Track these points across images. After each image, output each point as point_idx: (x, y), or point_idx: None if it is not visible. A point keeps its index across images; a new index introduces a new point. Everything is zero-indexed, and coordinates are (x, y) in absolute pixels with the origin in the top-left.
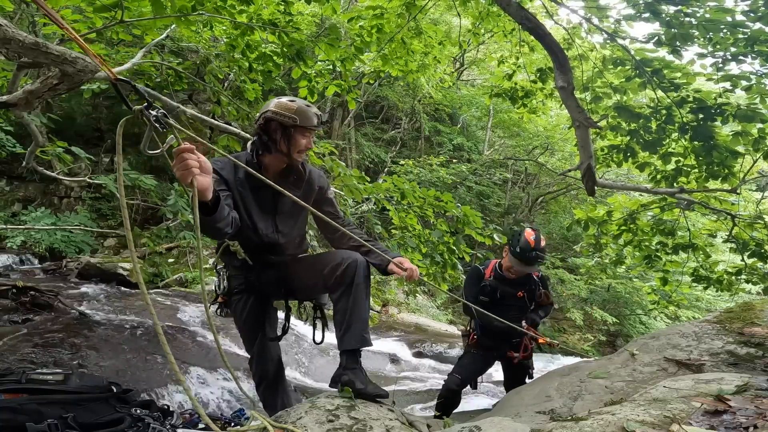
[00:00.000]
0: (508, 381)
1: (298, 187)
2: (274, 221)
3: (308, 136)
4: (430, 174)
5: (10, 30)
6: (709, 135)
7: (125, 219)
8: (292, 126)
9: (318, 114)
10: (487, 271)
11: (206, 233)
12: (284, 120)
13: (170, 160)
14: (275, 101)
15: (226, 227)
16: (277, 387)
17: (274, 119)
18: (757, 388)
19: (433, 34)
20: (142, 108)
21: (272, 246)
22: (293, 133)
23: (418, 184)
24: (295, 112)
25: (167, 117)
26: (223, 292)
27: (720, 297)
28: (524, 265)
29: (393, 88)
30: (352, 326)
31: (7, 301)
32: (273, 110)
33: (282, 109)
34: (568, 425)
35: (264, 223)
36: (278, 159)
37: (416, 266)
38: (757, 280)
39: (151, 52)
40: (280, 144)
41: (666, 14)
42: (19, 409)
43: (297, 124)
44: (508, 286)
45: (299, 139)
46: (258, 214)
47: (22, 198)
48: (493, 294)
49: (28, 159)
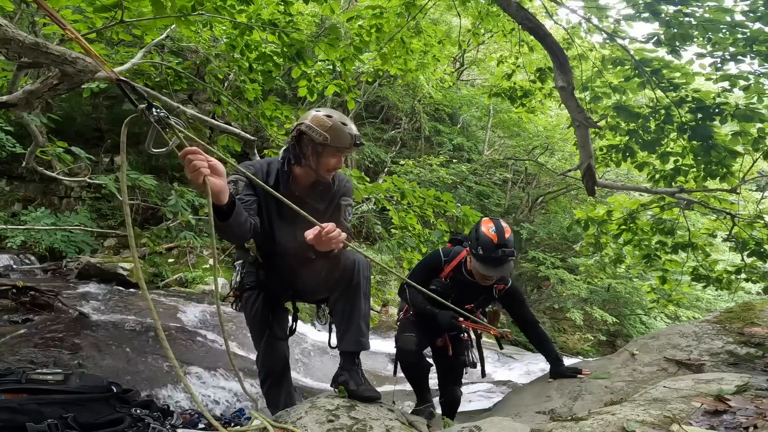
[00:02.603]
0: (440, 375)
1: (324, 199)
2: (294, 232)
3: (339, 156)
4: (430, 174)
5: (10, 30)
6: (707, 135)
7: (127, 218)
8: (322, 144)
9: (354, 134)
10: (447, 268)
11: (223, 237)
12: (316, 137)
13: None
14: (313, 114)
15: (245, 233)
16: (281, 386)
17: (307, 134)
18: (757, 388)
19: (433, 33)
20: (143, 108)
21: (285, 251)
22: (323, 152)
23: (418, 184)
24: (328, 130)
25: (168, 117)
26: (236, 288)
27: (720, 297)
28: (490, 267)
29: (393, 88)
30: (350, 329)
31: (7, 301)
32: (308, 124)
33: (316, 124)
34: (568, 425)
35: (283, 232)
36: (307, 172)
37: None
38: (757, 278)
39: (151, 52)
40: (310, 160)
41: (665, 14)
42: (19, 409)
43: (328, 143)
44: (466, 292)
45: (329, 158)
46: (278, 222)
47: (22, 198)
48: (444, 297)
49: (28, 159)
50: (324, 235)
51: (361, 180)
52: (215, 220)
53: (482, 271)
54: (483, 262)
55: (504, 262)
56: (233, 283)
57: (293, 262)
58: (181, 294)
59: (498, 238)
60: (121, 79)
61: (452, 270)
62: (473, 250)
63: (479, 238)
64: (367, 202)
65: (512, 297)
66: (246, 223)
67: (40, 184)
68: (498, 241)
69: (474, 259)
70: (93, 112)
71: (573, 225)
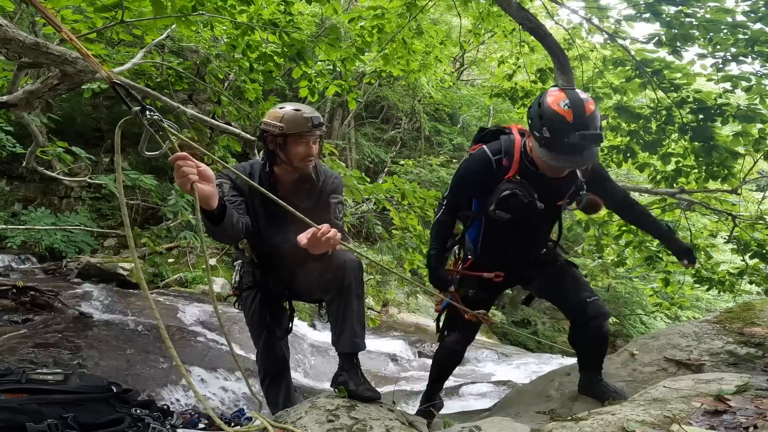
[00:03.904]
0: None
1: (311, 196)
2: (285, 231)
3: (303, 142)
4: (431, 174)
5: (10, 30)
6: (709, 135)
7: (125, 218)
8: (281, 135)
9: (310, 116)
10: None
11: (217, 240)
12: (273, 130)
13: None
14: (270, 111)
15: (238, 234)
16: (280, 385)
17: (267, 131)
18: (757, 388)
19: (434, 34)
20: (137, 111)
21: (277, 252)
22: (285, 142)
23: (419, 184)
24: (282, 120)
25: (162, 120)
26: (236, 287)
27: (720, 297)
28: (563, 157)
29: (393, 88)
30: (344, 330)
31: (7, 301)
32: (264, 121)
33: (271, 118)
34: (568, 425)
35: (272, 231)
36: (285, 169)
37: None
38: (760, 281)
39: (151, 52)
40: (279, 155)
41: (666, 15)
42: (19, 409)
43: (285, 132)
44: (549, 187)
45: (294, 147)
46: (267, 223)
47: (22, 198)
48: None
49: (28, 159)
50: (320, 237)
51: (362, 180)
52: (207, 224)
53: (552, 161)
54: (553, 149)
55: (584, 149)
56: (233, 282)
57: (287, 262)
58: (181, 294)
59: (575, 116)
60: (116, 82)
61: (519, 164)
62: (536, 132)
63: (544, 116)
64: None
65: (601, 176)
66: (238, 223)
67: (40, 184)
68: (574, 120)
69: (538, 146)
70: (93, 112)
71: (573, 225)
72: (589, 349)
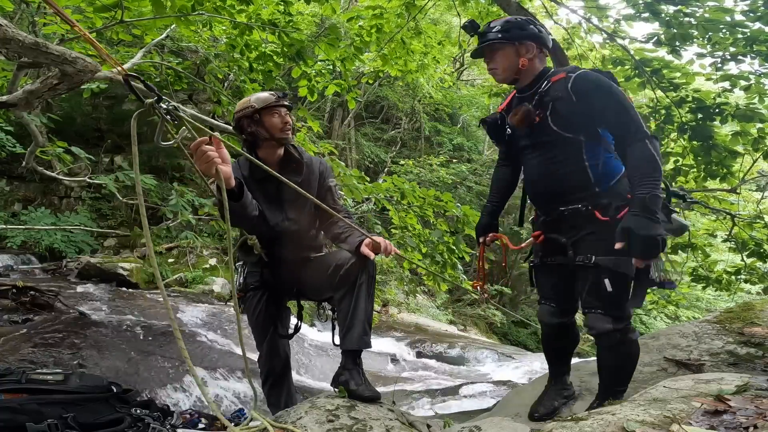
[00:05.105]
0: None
1: (299, 173)
2: (283, 210)
3: (277, 113)
4: (430, 174)
5: (10, 30)
6: (708, 135)
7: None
8: (255, 113)
9: (275, 93)
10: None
11: (237, 222)
12: (247, 113)
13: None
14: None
15: (254, 210)
16: (282, 385)
17: (241, 117)
18: (757, 388)
19: (433, 34)
20: (153, 101)
21: (285, 236)
22: (260, 118)
23: (418, 184)
24: (251, 102)
25: (177, 110)
26: (240, 289)
27: (720, 297)
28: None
29: (393, 88)
30: (353, 327)
31: (7, 301)
32: (236, 112)
33: (241, 107)
34: (568, 425)
35: (272, 213)
36: (269, 148)
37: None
38: (756, 279)
39: (151, 52)
40: (259, 134)
41: (665, 14)
42: (19, 409)
43: (257, 108)
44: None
45: (269, 119)
46: (266, 205)
47: (22, 198)
48: (511, 137)
49: (28, 159)
50: (383, 250)
51: (361, 180)
52: (230, 202)
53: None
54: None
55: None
56: (236, 284)
57: (298, 259)
58: (181, 294)
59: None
60: (130, 75)
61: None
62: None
63: None
64: (367, 202)
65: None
66: (252, 201)
67: (40, 184)
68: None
69: None
70: (93, 112)
71: None
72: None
